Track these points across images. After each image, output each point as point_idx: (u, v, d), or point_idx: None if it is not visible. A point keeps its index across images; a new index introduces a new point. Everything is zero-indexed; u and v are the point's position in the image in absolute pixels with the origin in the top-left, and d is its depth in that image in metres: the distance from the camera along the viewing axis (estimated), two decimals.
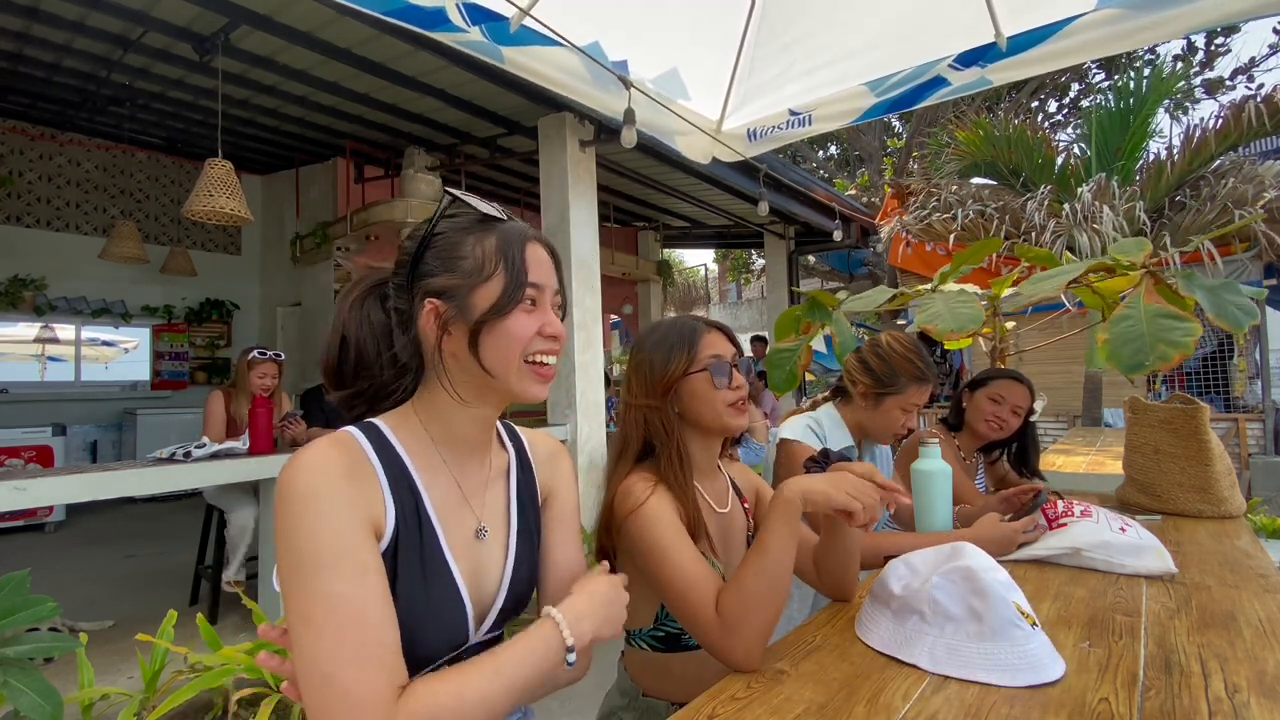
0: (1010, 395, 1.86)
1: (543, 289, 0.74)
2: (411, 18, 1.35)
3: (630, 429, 1.06)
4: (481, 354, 0.70)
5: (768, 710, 0.76)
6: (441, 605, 0.69)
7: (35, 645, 1.64)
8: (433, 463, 0.73)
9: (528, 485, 0.84)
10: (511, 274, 0.71)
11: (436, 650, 0.69)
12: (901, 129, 11.92)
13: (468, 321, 0.70)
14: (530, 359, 0.72)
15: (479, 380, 0.72)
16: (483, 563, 0.75)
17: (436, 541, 0.70)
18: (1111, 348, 1.17)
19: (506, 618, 0.78)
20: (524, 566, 0.79)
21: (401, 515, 0.67)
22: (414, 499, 0.69)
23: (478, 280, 0.71)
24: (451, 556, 0.71)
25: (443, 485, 0.73)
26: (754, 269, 14.84)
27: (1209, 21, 1.44)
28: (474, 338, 0.70)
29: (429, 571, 0.68)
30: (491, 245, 0.72)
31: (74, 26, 3.49)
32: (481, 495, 0.78)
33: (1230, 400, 6.59)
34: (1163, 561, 1.22)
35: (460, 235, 0.73)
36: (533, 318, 0.72)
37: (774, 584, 0.87)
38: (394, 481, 0.68)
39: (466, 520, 0.75)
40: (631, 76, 1.81)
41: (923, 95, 1.82)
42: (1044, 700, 0.77)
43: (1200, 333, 1.12)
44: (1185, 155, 5.52)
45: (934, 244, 6.32)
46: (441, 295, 0.71)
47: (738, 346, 1.10)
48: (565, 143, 4.11)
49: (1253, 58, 10.31)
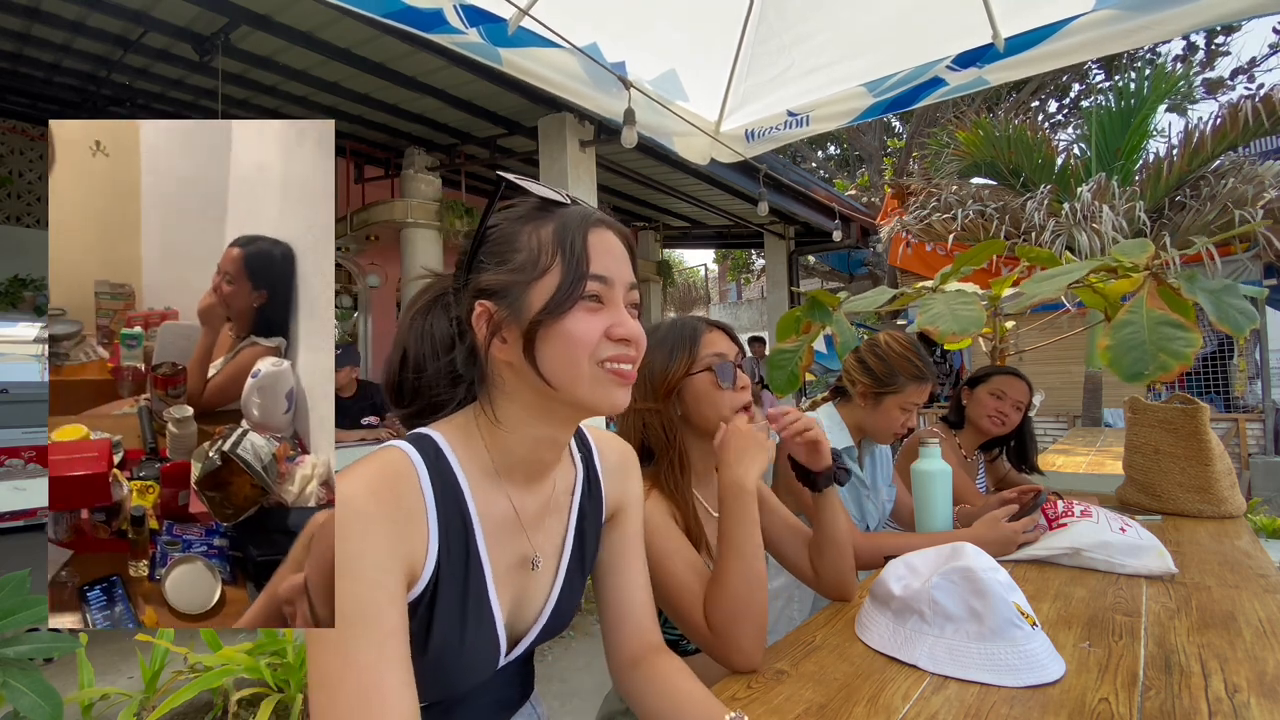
0: (1011, 390, 1.87)
1: (610, 282, 0.63)
2: (409, 19, 1.34)
3: (629, 433, 1.03)
4: (540, 361, 0.61)
5: (768, 710, 0.76)
6: (474, 644, 0.63)
7: (35, 645, 1.64)
8: (491, 485, 0.66)
9: (593, 509, 0.77)
10: (570, 265, 0.61)
11: (463, 683, 0.65)
12: (901, 129, 11.92)
13: (521, 324, 0.61)
14: (604, 363, 0.62)
15: (541, 394, 0.63)
16: (528, 591, 0.70)
17: (482, 577, 0.64)
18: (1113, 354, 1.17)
19: (540, 642, 0.73)
20: (571, 595, 0.74)
21: (445, 552, 0.61)
22: (464, 530, 0.63)
23: (532, 275, 0.61)
24: (495, 591, 0.65)
25: (499, 513, 0.66)
26: (754, 269, 14.83)
27: (1208, 21, 1.44)
28: (529, 342, 0.61)
29: (468, 610, 0.63)
30: (548, 234, 0.62)
31: (74, 26, 3.49)
32: (540, 522, 0.70)
33: (1230, 400, 6.59)
34: (1163, 561, 1.22)
35: (515, 226, 0.64)
36: (599, 317, 0.62)
37: (753, 583, 0.86)
38: (445, 513, 0.61)
39: (520, 550, 0.68)
40: (630, 77, 1.81)
41: (920, 95, 1.82)
42: (1044, 700, 0.77)
43: (1201, 344, 1.12)
44: (1184, 155, 5.52)
45: (934, 244, 6.31)
46: (493, 295, 0.62)
47: (740, 346, 1.09)
48: (565, 143, 4.11)
49: (1253, 58, 10.31)
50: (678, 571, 0.91)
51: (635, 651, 0.78)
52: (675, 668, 0.76)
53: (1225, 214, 5.07)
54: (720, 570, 0.87)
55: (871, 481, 1.60)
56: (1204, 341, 1.28)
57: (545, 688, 2.60)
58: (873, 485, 1.60)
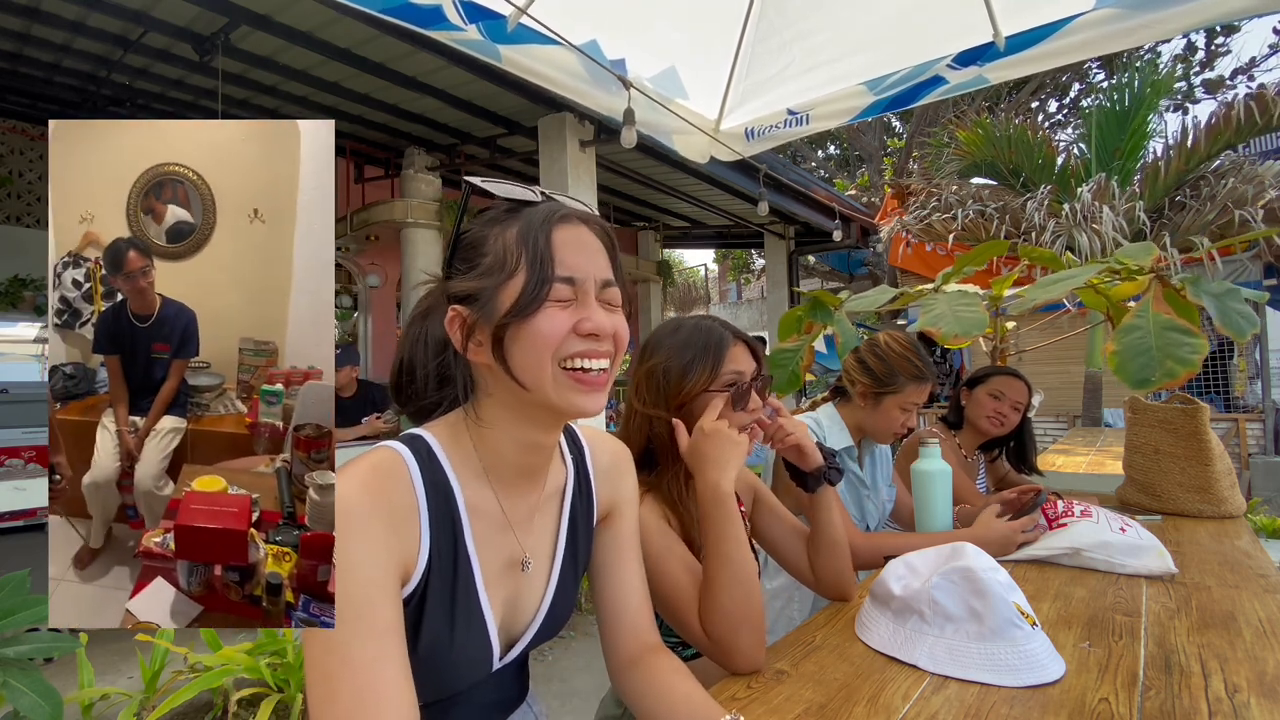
0: (1010, 391, 1.87)
1: (577, 280, 0.62)
2: (409, 16, 1.34)
3: (633, 434, 1.00)
4: (509, 362, 0.61)
5: (768, 710, 0.76)
6: (465, 644, 0.64)
7: (35, 645, 1.64)
8: (481, 486, 0.66)
9: (584, 510, 0.77)
10: (534, 266, 0.60)
11: (456, 683, 0.65)
12: (901, 129, 11.92)
13: (491, 326, 0.61)
14: (565, 363, 0.61)
15: (517, 395, 0.63)
16: (520, 593, 0.70)
17: (471, 577, 0.64)
18: (1120, 360, 1.17)
19: (536, 644, 0.74)
20: (565, 597, 0.74)
21: (437, 552, 0.61)
22: (454, 531, 0.63)
23: (501, 279, 0.61)
24: (485, 592, 0.65)
25: (488, 513, 0.66)
26: (754, 269, 14.83)
27: (1208, 20, 1.44)
28: (497, 343, 0.61)
29: (458, 610, 0.63)
30: (513, 235, 0.62)
31: (74, 26, 3.49)
32: (529, 523, 0.71)
33: (1230, 400, 6.59)
34: (1163, 561, 1.22)
35: (485, 230, 0.64)
36: (567, 313, 0.61)
37: (747, 590, 0.85)
38: (436, 512, 0.62)
39: (510, 551, 0.68)
40: (629, 75, 1.81)
41: (921, 94, 1.82)
42: (1044, 700, 0.77)
43: (1207, 350, 1.11)
44: (1181, 155, 5.52)
45: (934, 244, 6.31)
46: (464, 300, 0.63)
47: (760, 362, 1.02)
48: (565, 143, 4.11)
49: (1253, 58, 10.32)
50: (677, 577, 0.90)
51: (632, 652, 0.78)
52: (673, 667, 0.76)
53: (1225, 214, 5.07)
54: (711, 581, 0.86)
55: (871, 481, 1.60)
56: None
57: (545, 688, 2.59)
58: (873, 485, 1.60)
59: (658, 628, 0.82)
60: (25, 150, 5.57)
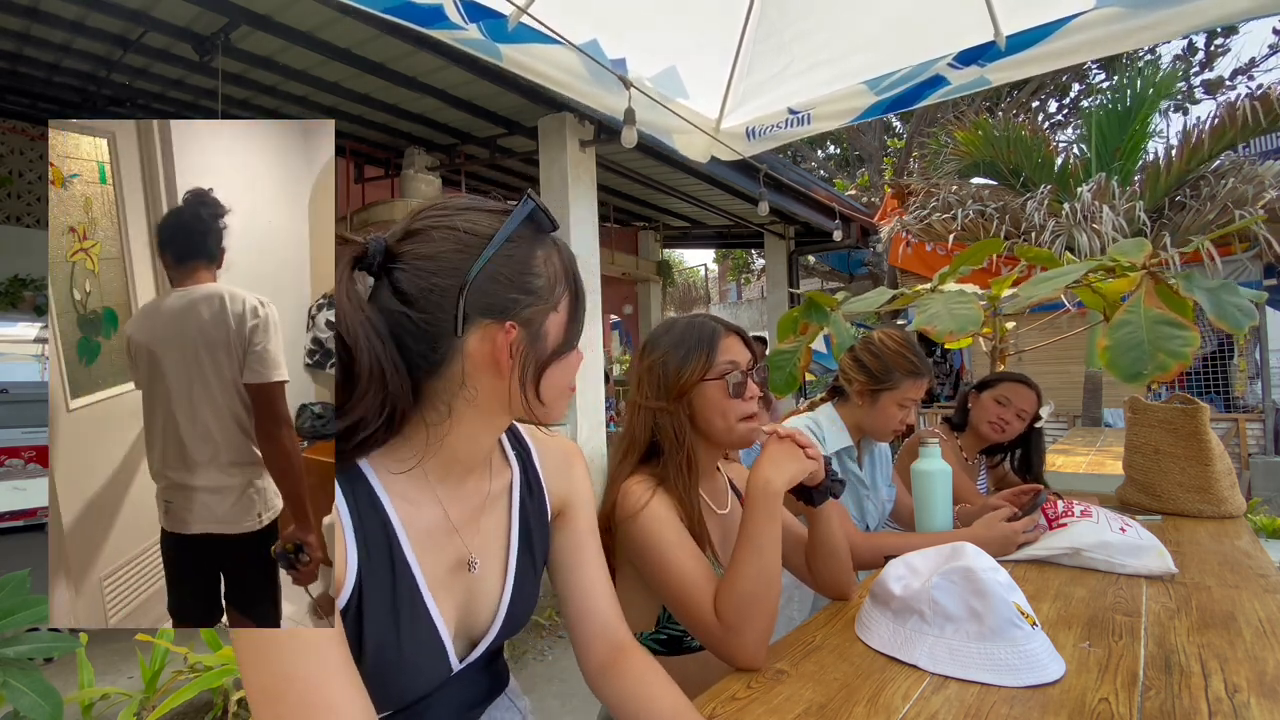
0: (1016, 398, 1.85)
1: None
2: (409, 15, 1.34)
3: (637, 430, 1.04)
4: (540, 386, 0.63)
5: (768, 710, 0.76)
6: (415, 648, 0.63)
7: (35, 645, 1.64)
8: (416, 490, 0.65)
9: (536, 507, 0.77)
10: (579, 303, 0.67)
11: (412, 690, 0.65)
12: (901, 129, 11.92)
13: (538, 353, 0.62)
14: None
15: (512, 409, 0.64)
16: (473, 594, 0.70)
17: (412, 580, 0.63)
18: (1112, 355, 1.17)
19: (499, 642, 0.74)
20: (524, 596, 0.74)
21: (366, 561, 0.60)
22: (387, 538, 0.62)
23: (549, 304, 0.64)
24: (430, 595, 0.64)
25: (426, 517, 0.65)
26: (754, 269, 14.83)
27: (1209, 21, 1.44)
28: (540, 371, 0.63)
29: (401, 615, 0.62)
30: (557, 263, 0.65)
31: (74, 26, 3.49)
32: (475, 523, 0.70)
33: (1230, 400, 6.59)
34: (1163, 561, 1.22)
35: (528, 248, 0.63)
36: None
37: (769, 581, 0.87)
38: (362, 522, 0.60)
39: (453, 552, 0.68)
40: (630, 75, 1.81)
41: (922, 94, 1.82)
42: (1044, 700, 0.77)
43: (1199, 343, 1.12)
44: (1183, 155, 5.53)
45: (934, 244, 6.32)
46: (515, 315, 0.61)
47: (754, 353, 1.07)
48: (565, 143, 4.11)
49: (1253, 58, 10.31)
50: (686, 566, 0.91)
51: (604, 654, 0.78)
52: (647, 667, 0.76)
53: (1225, 214, 5.07)
54: (737, 565, 0.88)
55: (871, 481, 1.60)
56: (1203, 341, 1.28)
57: (545, 688, 2.60)
58: (872, 485, 1.60)
59: (665, 623, 0.82)
60: (25, 150, 5.56)
